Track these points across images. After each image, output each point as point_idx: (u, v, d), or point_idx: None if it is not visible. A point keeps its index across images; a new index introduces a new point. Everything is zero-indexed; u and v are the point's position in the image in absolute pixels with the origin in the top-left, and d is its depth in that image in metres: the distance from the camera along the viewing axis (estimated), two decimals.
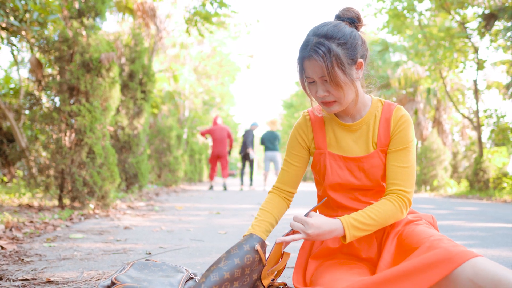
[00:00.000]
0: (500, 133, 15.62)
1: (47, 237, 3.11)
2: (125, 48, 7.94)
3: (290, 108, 36.58)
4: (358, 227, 1.44)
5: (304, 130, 1.69)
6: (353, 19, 1.51)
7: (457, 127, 19.00)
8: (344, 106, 1.52)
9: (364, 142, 1.59)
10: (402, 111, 1.57)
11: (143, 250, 2.73)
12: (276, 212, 1.67)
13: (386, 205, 1.49)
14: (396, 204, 1.49)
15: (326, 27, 1.46)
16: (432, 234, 1.41)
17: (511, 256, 2.74)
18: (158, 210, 5.38)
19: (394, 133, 1.55)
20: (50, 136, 4.77)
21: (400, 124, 1.55)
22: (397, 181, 1.52)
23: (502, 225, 4.56)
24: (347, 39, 1.44)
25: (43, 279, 1.95)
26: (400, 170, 1.53)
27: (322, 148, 1.64)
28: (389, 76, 17.31)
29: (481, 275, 1.16)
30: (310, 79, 1.48)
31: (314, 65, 1.43)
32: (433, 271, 1.21)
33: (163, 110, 13.81)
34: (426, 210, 6.41)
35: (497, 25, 11.76)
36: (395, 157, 1.54)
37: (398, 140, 1.54)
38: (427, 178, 13.77)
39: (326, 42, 1.42)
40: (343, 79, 1.43)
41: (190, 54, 18.95)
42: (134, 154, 7.62)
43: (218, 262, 1.42)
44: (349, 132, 1.61)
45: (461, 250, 1.23)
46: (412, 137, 1.55)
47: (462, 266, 1.19)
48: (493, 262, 1.20)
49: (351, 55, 1.45)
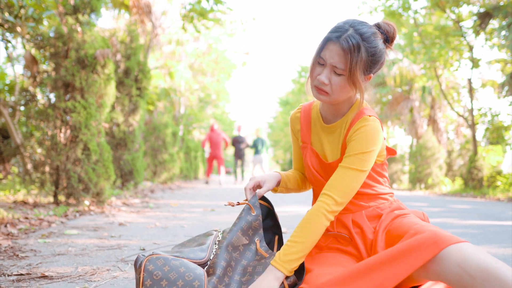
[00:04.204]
0: (494, 132, 15.71)
1: (42, 233, 3.12)
2: (120, 44, 7.92)
3: (286, 105, 36.61)
4: (291, 259, 1.41)
5: (294, 121, 1.76)
6: (388, 38, 1.52)
7: (452, 126, 19.07)
8: (332, 101, 1.52)
9: (335, 146, 1.61)
10: (365, 122, 1.51)
11: (137, 246, 2.75)
12: (292, 174, 1.79)
13: (307, 221, 1.46)
14: (316, 213, 1.46)
15: (366, 29, 1.45)
16: (417, 222, 1.43)
17: (501, 252, 2.78)
18: (153, 207, 5.40)
19: (348, 141, 1.53)
20: (45, 133, 4.77)
21: (356, 133, 1.51)
22: (329, 182, 1.50)
23: (494, 222, 4.61)
24: (377, 52, 1.46)
25: (38, 274, 1.96)
26: (338, 173, 1.50)
27: (307, 142, 1.69)
28: (385, 74, 17.35)
29: (468, 260, 1.17)
30: (322, 61, 1.46)
31: (337, 51, 1.42)
32: (417, 254, 1.23)
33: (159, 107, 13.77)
34: (419, 207, 6.46)
35: (492, 23, 11.79)
36: (342, 162, 1.51)
37: (349, 147, 1.51)
38: (422, 176, 13.83)
39: (360, 40, 1.42)
40: (355, 80, 1.44)
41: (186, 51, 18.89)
42: (129, 151, 7.63)
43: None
44: (327, 134, 1.64)
45: (447, 234, 1.24)
46: (365, 148, 1.48)
47: (448, 250, 1.20)
48: (480, 249, 1.22)
49: (370, 67, 1.47)
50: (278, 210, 5.00)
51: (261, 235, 1.57)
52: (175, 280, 1.32)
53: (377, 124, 1.52)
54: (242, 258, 1.51)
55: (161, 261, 1.35)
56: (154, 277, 1.31)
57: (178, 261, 1.37)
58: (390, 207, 1.61)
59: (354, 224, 1.58)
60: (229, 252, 1.49)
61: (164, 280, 1.31)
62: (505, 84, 10.79)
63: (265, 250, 1.54)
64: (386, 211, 1.59)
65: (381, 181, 1.63)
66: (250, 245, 1.54)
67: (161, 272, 1.32)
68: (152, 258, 1.35)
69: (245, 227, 1.55)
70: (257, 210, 1.59)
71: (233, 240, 1.52)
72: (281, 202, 6.43)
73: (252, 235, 1.56)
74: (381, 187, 1.63)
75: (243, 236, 1.54)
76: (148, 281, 1.31)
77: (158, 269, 1.33)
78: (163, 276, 1.32)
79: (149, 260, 1.35)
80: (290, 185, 1.75)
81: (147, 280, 1.31)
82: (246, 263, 1.50)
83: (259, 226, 1.58)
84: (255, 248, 1.54)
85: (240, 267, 1.49)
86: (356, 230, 1.58)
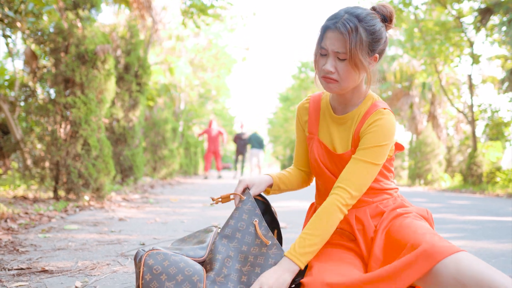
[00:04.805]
0: (494, 128, 15.71)
1: (42, 228, 3.13)
2: (120, 40, 7.91)
3: (286, 101, 36.53)
4: (306, 252, 1.42)
5: (301, 112, 1.73)
6: (386, 17, 1.52)
7: (451, 122, 19.08)
8: (342, 90, 1.51)
9: (345, 138, 1.60)
10: (380, 115, 1.52)
11: (137, 241, 2.76)
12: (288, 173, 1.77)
13: (322, 214, 1.46)
14: (331, 206, 1.46)
15: (360, 10, 1.46)
16: (415, 229, 1.41)
17: (499, 248, 2.80)
18: (153, 202, 5.41)
19: (363, 134, 1.53)
20: (45, 128, 4.78)
21: (371, 127, 1.51)
22: (342, 175, 1.50)
23: (493, 218, 4.62)
24: (376, 29, 1.45)
25: (38, 268, 1.98)
26: (351, 166, 1.50)
27: (314, 133, 1.67)
28: (385, 70, 17.34)
29: (464, 272, 1.17)
30: (324, 51, 1.46)
31: (336, 37, 1.43)
32: (413, 269, 1.24)
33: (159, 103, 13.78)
34: (418, 203, 6.47)
35: (492, 19, 11.78)
36: (356, 154, 1.51)
37: (364, 141, 1.51)
38: (421, 172, 13.83)
39: (356, 22, 1.42)
40: (357, 62, 1.43)
41: (186, 46, 18.87)
42: (129, 147, 7.63)
43: None
44: (336, 125, 1.62)
45: (442, 246, 1.24)
46: (380, 142, 1.49)
47: (444, 262, 1.21)
48: (476, 259, 1.21)
49: (372, 46, 1.46)
50: (277, 205, 5.01)
51: (259, 216, 1.54)
52: (175, 274, 1.33)
53: (392, 117, 1.53)
54: (241, 244, 1.49)
55: (161, 256, 1.36)
56: (154, 271, 1.33)
57: (178, 256, 1.39)
58: (394, 204, 1.61)
59: (357, 221, 1.58)
60: (225, 244, 1.48)
61: (164, 274, 1.32)
62: (505, 80, 10.80)
63: (265, 233, 1.51)
64: (388, 209, 1.58)
65: (388, 176, 1.63)
66: (248, 228, 1.51)
67: (161, 267, 1.33)
68: (152, 253, 1.36)
69: (236, 214, 1.53)
70: (247, 195, 1.58)
71: (227, 232, 1.50)
72: (280, 198, 6.44)
73: (248, 218, 1.53)
74: (387, 182, 1.63)
75: (238, 223, 1.52)
76: (148, 275, 1.32)
77: (158, 263, 1.34)
78: (163, 271, 1.33)
79: (149, 255, 1.36)
80: (284, 186, 1.73)
81: (147, 274, 1.32)
82: (246, 248, 1.48)
83: (253, 207, 1.55)
84: (254, 231, 1.51)
85: (241, 254, 1.47)
86: (359, 227, 1.58)
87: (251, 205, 1.55)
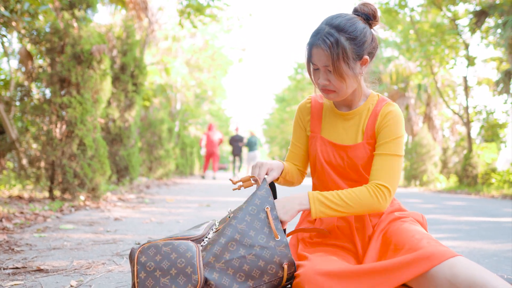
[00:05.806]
0: (489, 129, 15.79)
1: (37, 227, 3.13)
2: (116, 40, 7.90)
3: (282, 102, 36.57)
4: (325, 203, 1.46)
5: (303, 112, 1.75)
6: (369, 16, 1.54)
7: (447, 123, 19.14)
8: (342, 97, 1.56)
9: (354, 132, 1.63)
10: (392, 107, 1.59)
11: (133, 241, 2.76)
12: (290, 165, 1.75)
13: (361, 191, 1.49)
14: (372, 192, 1.49)
15: (340, 19, 1.48)
16: (413, 233, 1.43)
17: (493, 248, 2.81)
18: (148, 203, 5.41)
19: (380, 127, 1.57)
20: (40, 128, 4.77)
21: (387, 119, 1.56)
22: (376, 173, 1.53)
23: (487, 219, 4.65)
24: (357, 34, 1.48)
25: (34, 267, 1.97)
26: (381, 162, 1.54)
27: (316, 132, 1.69)
28: (381, 71, 17.38)
29: (458, 276, 1.18)
30: (315, 66, 1.52)
31: (320, 53, 1.47)
32: (409, 269, 1.25)
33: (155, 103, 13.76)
34: (414, 204, 6.50)
35: (487, 22, 11.85)
36: (380, 150, 1.56)
37: (383, 134, 1.56)
38: (417, 173, 13.88)
39: (336, 34, 1.45)
40: (345, 72, 1.47)
41: (182, 47, 18.86)
42: (125, 147, 7.63)
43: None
44: (342, 120, 1.66)
45: (439, 250, 1.25)
46: (399, 133, 1.56)
47: (440, 266, 1.22)
48: (472, 263, 1.22)
49: (357, 51, 1.48)
50: None
51: (272, 203, 1.49)
52: (168, 269, 1.33)
53: (400, 109, 1.61)
54: (249, 228, 1.43)
55: (153, 251, 1.36)
56: (147, 268, 1.33)
57: (169, 246, 1.37)
58: (392, 207, 1.63)
59: (356, 220, 1.60)
60: (233, 225, 1.42)
61: (158, 270, 1.33)
62: (500, 82, 10.85)
63: (276, 224, 1.44)
64: (386, 211, 1.60)
65: None
66: (258, 214, 1.46)
67: (154, 263, 1.33)
68: (144, 249, 1.37)
69: (250, 199, 1.49)
70: (263, 183, 1.54)
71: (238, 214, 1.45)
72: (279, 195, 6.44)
73: (261, 204, 1.48)
74: None
75: (249, 207, 1.46)
76: (142, 273, 1.32)
77: (151, 259, 1.34)
78: (156, 267, 1.33)
79: (141, 251, 1.36)
80: (288, 177, 1.72)
81: (141, 273, 1.33)
82: (254, 234, 1.41)
83: (268, 194, 1.51)
84: (265, 218, 1.45)
85: (247, 238, 1.40)
86: (357, 225, 1.60)
87: (265, 192, 1.52)
